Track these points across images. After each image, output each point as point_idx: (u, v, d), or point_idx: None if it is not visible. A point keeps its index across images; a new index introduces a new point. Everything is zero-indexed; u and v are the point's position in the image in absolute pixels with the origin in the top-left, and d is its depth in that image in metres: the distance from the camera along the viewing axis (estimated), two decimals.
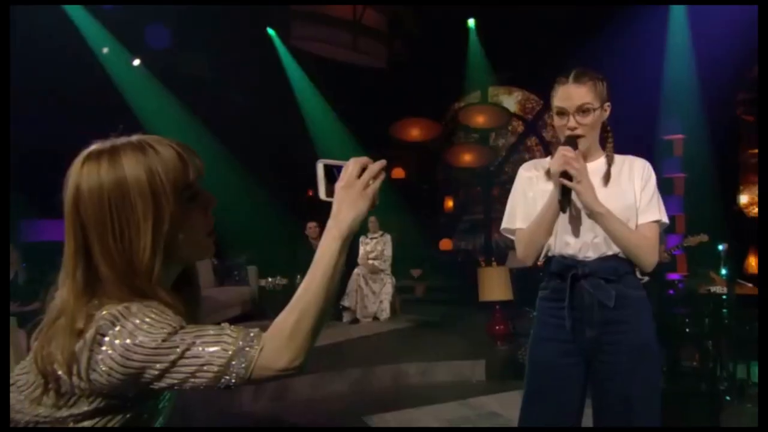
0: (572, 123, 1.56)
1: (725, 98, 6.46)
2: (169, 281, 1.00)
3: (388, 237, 6.64)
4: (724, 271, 4.55)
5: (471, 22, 7.92)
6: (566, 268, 1.59)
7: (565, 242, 1.60)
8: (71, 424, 0.92)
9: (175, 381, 0.88)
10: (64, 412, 0.92)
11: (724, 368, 4.07)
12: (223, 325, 0.93)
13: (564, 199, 1.51)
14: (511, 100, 9.50)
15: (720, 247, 4.55)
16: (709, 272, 4.46)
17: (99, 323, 0.86)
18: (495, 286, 4.63)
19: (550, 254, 1.65)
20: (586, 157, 1.61)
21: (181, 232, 0.95)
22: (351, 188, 0.96)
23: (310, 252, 4.72)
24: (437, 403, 3.77)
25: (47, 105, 6.06)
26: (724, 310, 4.20)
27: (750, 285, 4.30)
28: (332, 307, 0.97)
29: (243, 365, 0.88)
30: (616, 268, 1.58)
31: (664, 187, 5.92)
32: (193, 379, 0.88)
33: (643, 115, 5.86)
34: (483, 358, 4.44)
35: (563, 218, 1.58)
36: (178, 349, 0.87)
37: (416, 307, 7.22)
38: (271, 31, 7.70)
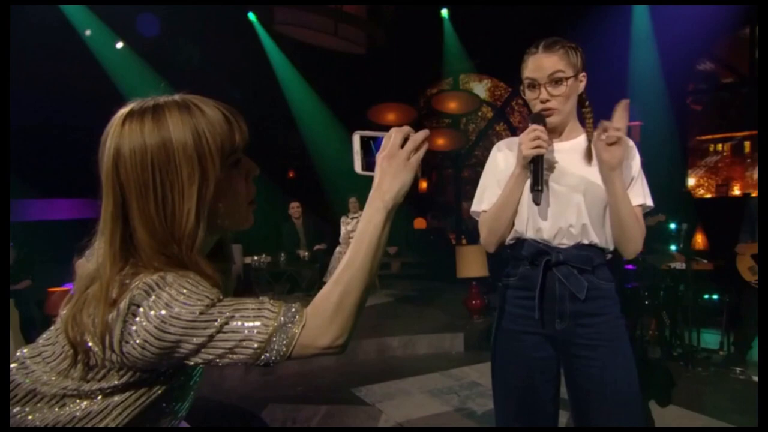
0: (544, 95, 1.32)
1: (678, 89, 6.52)
2: (206, 251, 0.88)
3: None
4: (673, 247, 4.63)
5: (444, 11, 7.79)
6: (539, 254, 1.36)
7: (538, 227, 1.37)
8: (99, 397, 0.83)
9: (212, 357, 0.78)
10: (93, 386, 0.82)
11: (678, 337, 4.17)
12: (262, 298, 0.82)
13: (536, 188, 1.26)
14: (481, 87, 9.43)
15: (673, 226, 4.62)
16: (670, 250, 4.51)
17: (133, 293, 0.76)
18: (472, 263, 4.59)
19: (520, 238, 1.41)
20: (563, 134, 1.40)
21: (223, 200, 0.84)
22: (394, 158, 0.86)
23: (293, 231, 4.64)
24: (420, 374, 3.74)
25: (33, 86, 5.71)
26: (681, 285, 4.27)
27: (705, 261, 4.37)
28: (375, 280, 0.87)
29: (284, 342, 0.78)
30: (591, 257, 1.36)
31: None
32: (231, 355, 0.78)
33: (607, 103, 5.87)
34: (461, 331, 4.43)
35: (541, 199, 1.32)
36: (216, 323, 0.76)
37: (394, 282, 7.20)
38: (252, 16, 7.41)
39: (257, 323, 0.78)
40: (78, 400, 0.84)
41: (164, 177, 0.79)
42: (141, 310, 0.75)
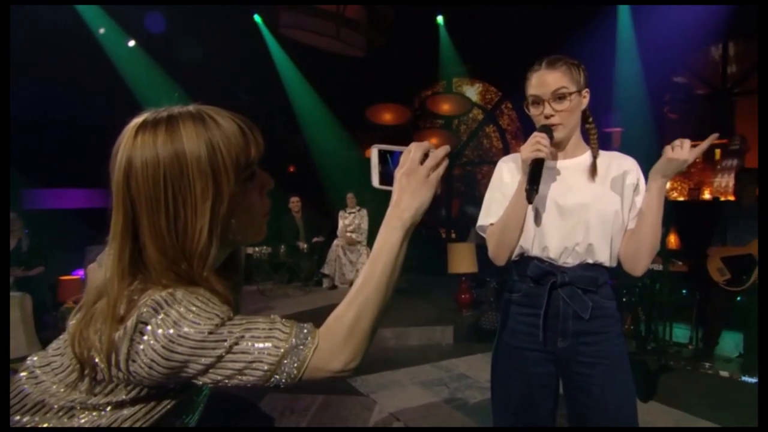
0: (548, 110, 1.26)
1: (656, 98, 6.50)
2: (217, 265, 0.80)
3: (364, 212, 6.47)
4: None
5: (440, 18, 7.71)
6: (544, 274, 1.30)
7: (543, 245, 1.30)
8: (108, 410, 0.76)
9: (220, 378, 0.71)
10: (101, 399, 0.76)
11: (652, 332, 4.18)
12: (273, 317, 0.75)
13: (531, 188, 1.20)
14: (473, 91, 9.34)
15: None
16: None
17: (141, 310, 0.69)
18: (462, 260, 4.55)
19: (525, 255, 1.35)
20: (567, 151, 1.34)
21: (237, 215, 0.76)
22: (413, 175, 0.78)
23: (293, 224, 4.55)
24: (412, 365, 3.71)
25: (47, 79, 5.58)
26: (657, 284, 4.28)
27: (680, 263, 4.37)
28: (392, 302, 0.77)
29: (295, 365, 0.71)
30: (596, 278, 1.31)
31: None
32: (239, 377, 0.71)
33: (592, 110, 5.85)
34: (451, 324, 4.40)
35: (542, 219, 1.29)
36: (225, 344, 0.69)
37: None
38: (257, 18, 7.27)
39: (268, 344, 0.71)
40: (87, 412, 0.77)
41: (177, 192, 0.72)
42: (149, 328, 0.68)
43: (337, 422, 2.85)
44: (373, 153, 0.85)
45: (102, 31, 6.21)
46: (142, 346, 0.69)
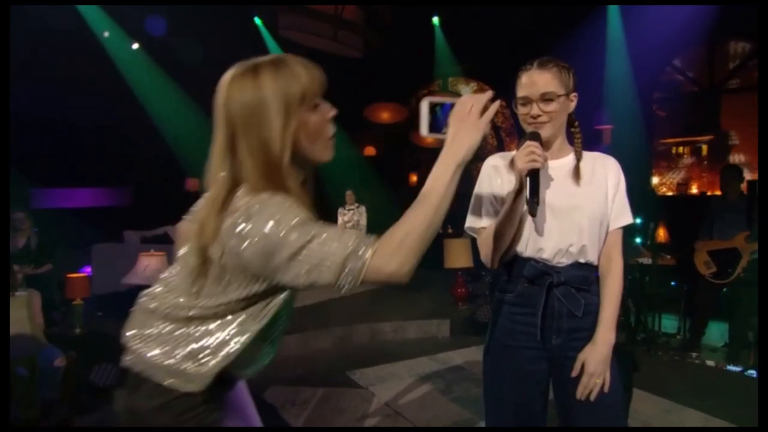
0: (535, 110, 1.25)
1: (645, 96, 6.49)
2: (298, 182, 0.98)
3: (363, 208, 6.46)
4: (639, 240, 4.64)
5: (435, 19, 7.68)
6: (540, 275, 1.30)
7: (539, 247, 1.30)
8: (218, 322, 0.96)
9: (298, 270, 0.85)
10: (220, 299, 0.94)
11: (642, 323, 4.19)
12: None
13: (533, 200, 1.17)
14: (468, 90, 9.31)
15: (638, 221, 4.62)
16: (637, 244, 4.51)
17: (243, 208, 0.87)
18: (458, 255, 4.55)
19: (519, 256, 1.33)
20: (553, 153, 1.32)
21: (305, 136, 0.94)
22: (466, 120, 0.92)
23: None
24: (409, 358, 3.71)
25: (53, 82, 5.56)
26: (646, 277, 4.29)
27: (668, 257, 4.37)
28: (439, 225, 0.90)
29: (358, 265, 0.84)
30: (587, 276, 1.32)
31: None
32: (314, 273, 0.85)
33: (583, 107, 5.84)
34: (447, 318, 4.40)
35: (537, 220, 1.28)
36: (305, 237, 0.84)
37: None
38: (257, 21, 7.23)
39: (336, 245, 0.84)
40: (204, 322, 0.96)
41: (261, 120, 0.90)
42: (251, 220, 0.85)
43: (336, 414, 2.85)
44: (424, 105, 0.95)
45: (106, 34, 6.20)
46: (245, 233, 0.85)
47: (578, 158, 1.33)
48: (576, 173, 1.31)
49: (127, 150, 6.55)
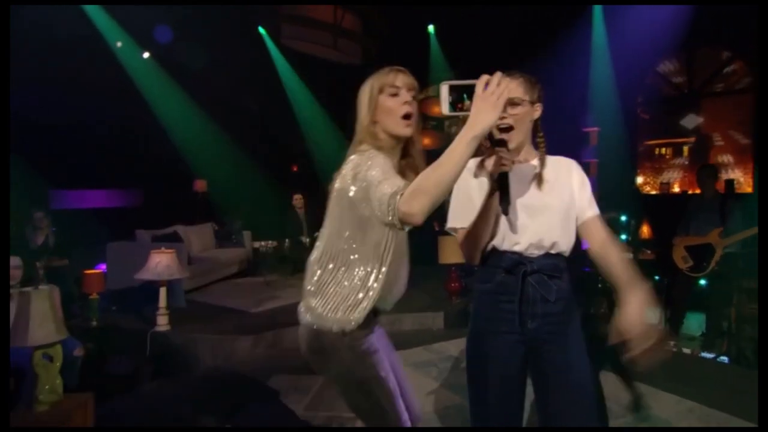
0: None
1: (630, 100, 6.56)
2: (394, 150, 1.40)
3: None
4: (624, 236, 4.71)
5: (431, 27, 7.74)
6: (516, 265, 1.38)
7: (515, 242, 1.38)
8: (368, 249, 1.35)
9: (376, 205, 1.16)
10: (356, 237, 1.34)
11: None
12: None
13: (505, 200, 1.28)
14: None
15: (624, 218, 4.70)
16: (621, 240, 4.58)
17: (358, 157, 1.30)
18: (452, 251, 4.62)
19: (496, 250, 1.41)
20: (522, 156, 1.41)
21: (381, 112, 1.37)
22: (485, 101, 1.05)
23: (296, 220, 4.64)
24: (406, 348, 3.75)
25: (74, 92, 5.65)
26: None
27: (648, 252, 4.46)
28: (452, 185, 1.10)
29: (392, 203, 1.10)
30: (558, 265, 1.40)
31: (583, 169, 6.00)
32: (380, 208, 1.13)
33: (571, 111, 5.92)
34: (441, 311, 4.47)
35: (512, 218, 1.37)
36: (379, 178, 1.18)
37: None
38: (262, 30, 7.32)
39: (387, 188, 1.13)
40: (349, 267, 1.34)
41: (359, 102, 1.39)
42: (362, 164, 1.26)
43: (337, 402, 2.86)
44: (444, 88, 1.09)
45: (119, 45, 6.27)
46: (345, 175, 1.30)
47: (543, 162, 1.41)
48: (540, 177, 1.40)
49: (138, 153, 6.62)
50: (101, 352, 3.29)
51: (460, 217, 1.43)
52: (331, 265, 1.34)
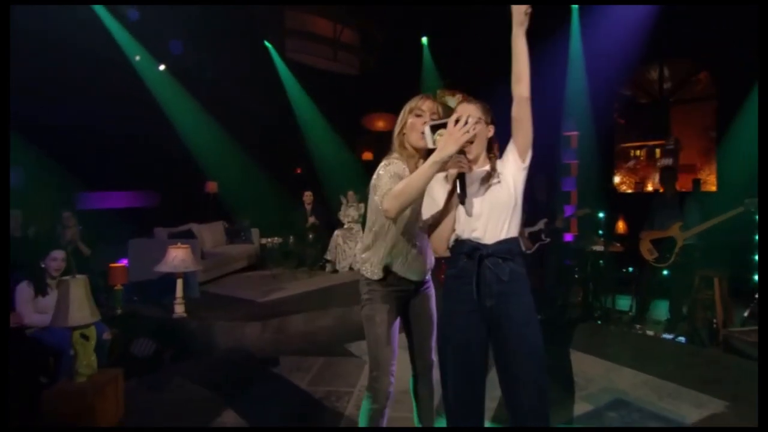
0: None
1: (606, 106, 6.70)
2: (413, 158, 1.68)
3: (362, 205, 6.65)
4: (600, 232, 4.87)
5: (424, 39, 7.89)
6: (474, 250, 1.52)
7: (472, 228, 1.53)
8: (378, 232, 1.73)
9: (375, 198, 1.60)
10: (377, 230, 1.73)
11: (598, 301, 4.43)
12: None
13: (462, 193, 1.50)
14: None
15: (601, 215, 4.86)
16: (594, 236, 4.74)
17: (385, 160, 1.66)
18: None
19: (459, 239, 1.56)
20: (478, 163, 1.59)
21: (407, 128, 1.68)
22: (452, 135, 1.38)
23: (303, 216, 4.94)
24: (400, 332, 3.89)
25: (97, 102, 5.83)
26: (601, 261, 4.53)
27: (618, 245, 4.62)
28: (415, 195, 1.48)
29: (380, 200, 1.55)
30: (511, 249, 1.53)
31: (564, 170, 6.14)
32: (382, 203, 1.53)
33: (552, 116, 6.07)
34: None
35: (469, 210, 1.53)
36: (381, 181, 1.59)
37: None
38: (268, 44, 7.49)
39: (383, 189, 1.55)
40: (376, 239, 1.74)
41: (399, 118, 1.70)
42: (381, 168, 1.62)
43: (335, 379, 3.00)
44: (426, 129, 1.48)
45: (137, 58, 6.42)
46: (376, 177, 1.62)
47: (493, 167, 1.60)
48: (493, 175, 1.58)
49: (156, 158, 6.73)
50: (126, 337, 3.45)
51: (425, 213, 1.66)
52: (369, 237, 1.74)
